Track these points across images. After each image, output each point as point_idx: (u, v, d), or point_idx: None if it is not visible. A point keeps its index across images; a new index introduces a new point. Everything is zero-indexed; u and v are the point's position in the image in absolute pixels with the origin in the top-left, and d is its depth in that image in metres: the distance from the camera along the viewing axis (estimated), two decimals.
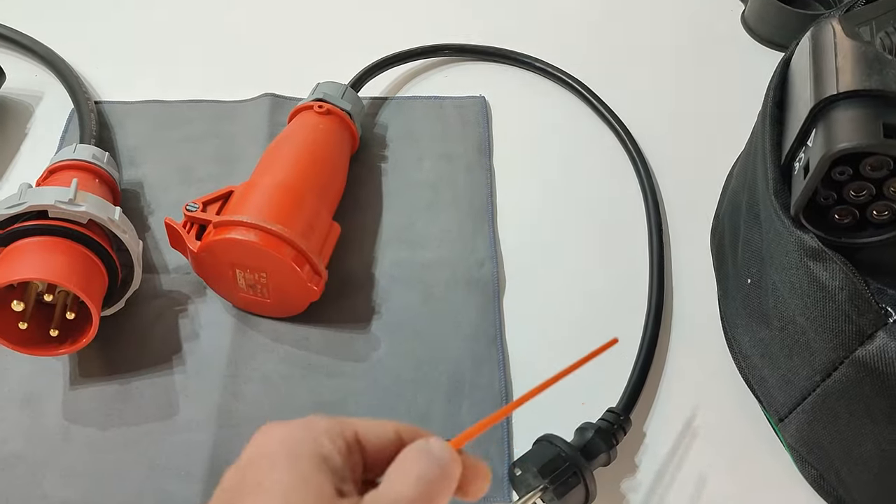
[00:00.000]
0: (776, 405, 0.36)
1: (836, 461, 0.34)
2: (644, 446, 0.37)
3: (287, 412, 0.38)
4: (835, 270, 0.31)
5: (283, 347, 0.40)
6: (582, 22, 0.57)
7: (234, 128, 0.49)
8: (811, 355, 0.33)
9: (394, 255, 0.43)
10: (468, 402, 0.38)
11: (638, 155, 0.48)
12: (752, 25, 0.56)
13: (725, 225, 0.42)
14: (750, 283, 0.37)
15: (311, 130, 0.43)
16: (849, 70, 0.32)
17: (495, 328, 0.41)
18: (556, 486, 0.33)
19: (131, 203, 0.45)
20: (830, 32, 0.34)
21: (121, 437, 0.37)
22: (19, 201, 0.36)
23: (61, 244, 0.36)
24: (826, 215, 0.33)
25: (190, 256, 0.39)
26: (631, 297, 0.42)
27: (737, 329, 0.39)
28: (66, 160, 0.42)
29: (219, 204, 0.39)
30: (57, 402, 0.38)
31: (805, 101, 0.33)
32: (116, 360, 0.39)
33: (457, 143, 0.49)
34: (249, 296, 0.39)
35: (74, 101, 0.48)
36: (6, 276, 0.34)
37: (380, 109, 0.50)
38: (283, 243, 0.37)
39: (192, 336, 0.40)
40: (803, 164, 0.32)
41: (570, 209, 0.46)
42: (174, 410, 0.38)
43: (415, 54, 0.52)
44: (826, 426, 0.33)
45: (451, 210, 0.45)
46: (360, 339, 0.40)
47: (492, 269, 0.43)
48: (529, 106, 0.51)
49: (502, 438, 0.37)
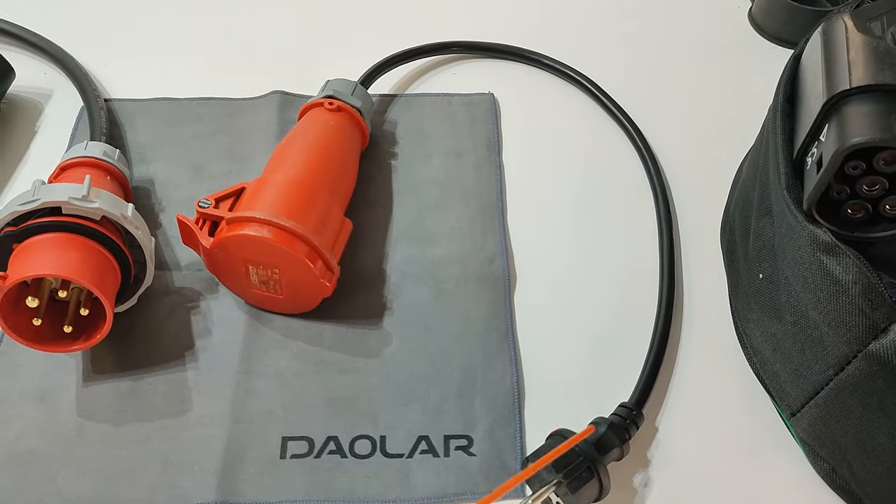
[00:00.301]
0: (788, 399, 0.36)
1: (848, 455, 0.34)
2: (656, 441, 0.38)
3: (300, 408, 0.38)
4: (848, 265, 0.31)
5: (295, 344, 0.40)
6: (590, 19, 0.57)
7: (244, 125, 0.49)
8: (824, 349, 0.33)
9: (404, 252, 0.43)
10: (480, 397, 0.38)
11: (647, 151, 0.48)
12: (759, 22, 0.56)
13: (736, 220, 0.42)
14: (762, 277, 0.37)
15: (321, 127, 0.43)
16: (861, 65, 0.32)
17: (507, 323, 0.41)
18: (570, 481, 0.33)
19: (142, 200, 0.45)
20: (842, 27, 0.34)
21: (134, 433, 0.37)
22: (33, 198, 0.36)
23: (75, 241, 0.36)
24: (839, 210, 0.33)
25: (202, 253, 0.39)
26: (641, 292, 0.42)
27: (748, 324, 0.39)
28: (78, 157, 0.42)
29: (231, 200, 0.39)
30: (71, 398, 0.38)
31: (817, 96, 0.33)
32: (129, 357, 0.39)
33: (466, 140, 0.49)
34: (262, 292, 0.40)
35: (84, 98, 0.49)
36: (21, 273, 0.34)
37: (389, 106, 0.51)
38: (296, 239, 0.37)
39: (204, 332, 0.40)
40: (816, 159, 0.32)
41: (579, 205, 0.46)
42: (187, 406, 0.38)
43: (424, 51, 0.52)
44: (839, 420, 0.34)
45: (460, 207, 0.45)
46: (373, 335, 0.40)
47: (502, 265, 0.43)
48: (538, 103, 0.51)
49: (515, 433, 0.37)
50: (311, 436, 0.37)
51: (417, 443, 0.37)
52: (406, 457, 0.36)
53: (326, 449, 0.37)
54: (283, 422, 0.37)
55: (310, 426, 0.37)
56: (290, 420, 0.37)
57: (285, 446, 0.37)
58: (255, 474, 0.36)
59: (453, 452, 0.36)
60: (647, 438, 0.38)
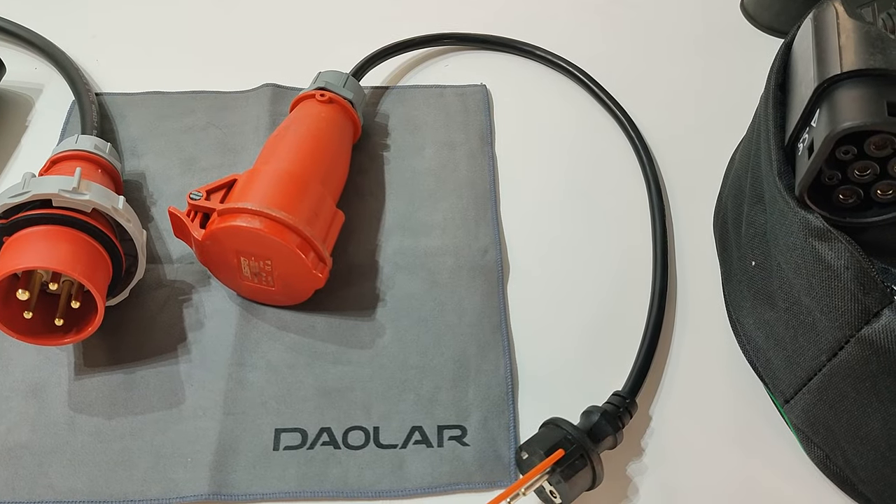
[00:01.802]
0: (781, 386, 0.36)
1: (842, 441, 0.34)
2: (650, 430, 0.38)
3: (293, 400, 0.38)
4: (840, 250, 0.31)
5: (288, 335, 0.40)
6: (582, 10, 0.57)
7: (235, 118, 0.49)
8: (817, 335, 0.33)
9: (397, 243, 0.43)
10: (474, 387, 0.38)
11: (639, 140, 0.48)
12: (751, 12, 0.56)
13: (728, 208, 0.42)
14: (754, 265, 0.37)
15: (313, 119, 0.43)
16: (852, 50, 0.32)
17: (500, 314, 0.41)
18: (564, 469, 0.33)
19: (134, 194, 0.45)
20: (833, 14, 0.34)
21: (126, 426, 0.37)
22: (23, 190, 0.36)
23: (66, 233, 0.36)
24: (830, 195, 0.33)
25: (194, 245, 0.39)
26: (634, 282, 0.42)
27: (741, 311, 0.39)
28: (69, 150, 0.41)
29: (222, 192, 0.39)
30: (62, 391, 0.38)
31: (808, 82, 0.33)
32: (121, 350, 0.39)
33: (458, 132, 0.49)
34: (254, 284, 0.39)
35: (75, 93, 0.48)
36: (11, 266, 0.34)
37: (381, 98, 0.50)
38: (287, 230, 0.37)
39: (196, 325, 0.40)
40: (807, 145, 0.32)
41: (572, 195, 0.46)
42: (179, 399, 0.38)
43: (416, 43, 0.52)
44: (832, 406, 0.34)
45: (453, 198, 0.45)
46: (366, 326, 0.40)
47: (495, 256, 0.43)
48: (530, 94, 0.51)
49: (508, 422, 0.37)
50: (305, 427, 0.37)
51: (411, 433, 0.37)
52: (399, 447, 0.36)
53: (319, 440, 0.36)
54: (276, 413, 0.37)
55: (303, 418, 0.37)
56: (283, 412, 0.37)
57: (278, 438, 0.36)
58: (247, 466, 0.36)
59: (447, 443, 0.36)
60: (640, 427, 0.38)
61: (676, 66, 0.53)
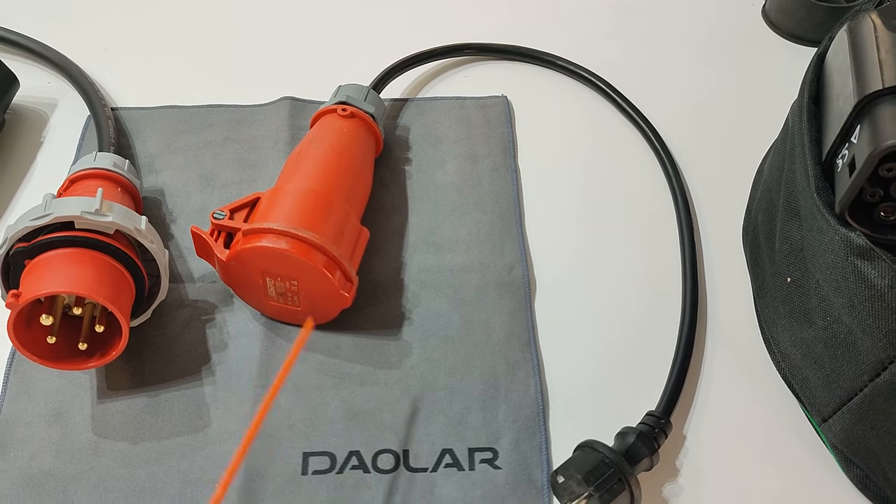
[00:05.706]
0: (819, 405, 0.36)
1: (883, 462, 0.34)
2: (685, 449, 0.37)
3: (320, 422, 0.37)
4: (883, 268, 0.30)
5: (314, 356, 0.39)
6: (598, 19, 0.56)
7: (254, 132, 0.48)
8: (858, 355, 0.32)
9: (422, 260, 0.43)
10: (504, 408, 0.37)
11: (664, 152, 0.47)
12: (773, 19, 0.55)
13: (759, 222, 0.41)
14: (790, 281, 0.36)
15: (336, 134, 0.42)
16: (892, 64, 0.31)
17: (528, 332, 0.40)
18: (602, 493, 0.32)
19: (153, 211, 0.44)
20: (870, 26, 0.34)
21: (152, 451, 0.36)
22: (45, 213, 0.35)
23: (89, 256, 0.35)
24: (871, 212, 0.32)
25: (218, 265, 0.38)
26: (662, 295, 0.42)
27: (775, 328, 0.38)
28: (87, 169, 0.41)
29: (246, 211, 0.39)
30: (86, 416, 0.37)
31: (847, 97, 0.32)
32: (144, 373, 0.38)
33: (480, 144, 0.48)
34: (279, 304, 0.39)
35: (91, 108, 0.48)
36: (34, 291, 0.34)
37: (401, 111, 0.50)
38: (314, 250, 0.36)
39: (220, 346, 0.39)
40: (847, 161, 0.32)
41: (598, 209, 0.46)
42: (205, 423, 0.37)
43: (435, 54, 0.51)
44: (873, 426, 0.33)
45: (477, 213, 0.45)
46: (392, 345, 0.39)
47: (522, 273, 0.42)
48: (553, 105, 0.51)
49: (540, 444, 0.36)
50: (333, 451, 0.36)
51: (441, 456, 0.36)
52: (430, 471, 0.36)
53: (349, 464, 0.36)
54: (304, 437, 0.37)
55: (331, 441, 0.36)
56: (311, 434, 0.37)
57: (306, 462, 0.36)
58: (276, 492, 0.35)
59: (478, 466, 0.36)
60: (675, 447, 0.37)
61: (696, 74, 0.53)
